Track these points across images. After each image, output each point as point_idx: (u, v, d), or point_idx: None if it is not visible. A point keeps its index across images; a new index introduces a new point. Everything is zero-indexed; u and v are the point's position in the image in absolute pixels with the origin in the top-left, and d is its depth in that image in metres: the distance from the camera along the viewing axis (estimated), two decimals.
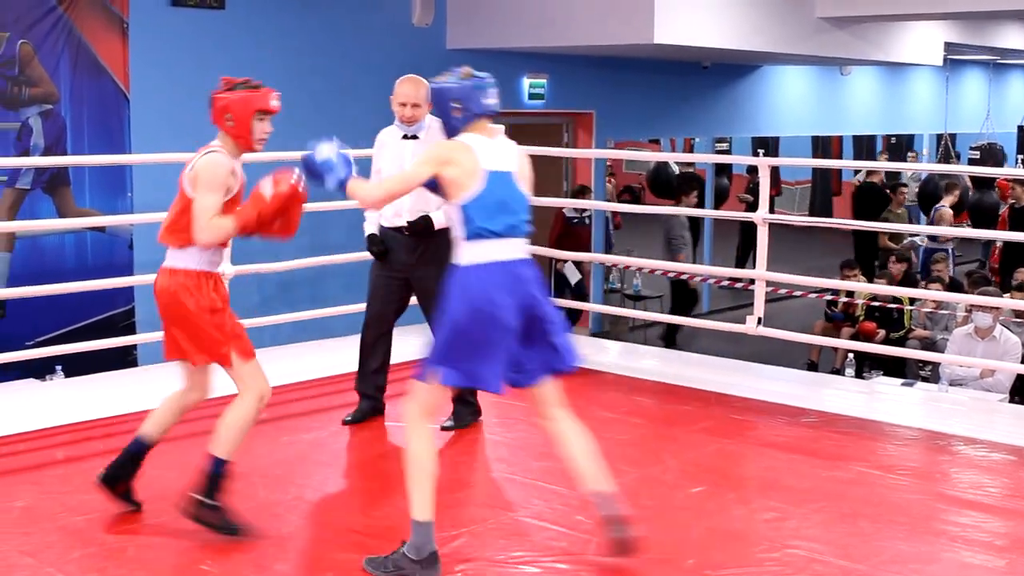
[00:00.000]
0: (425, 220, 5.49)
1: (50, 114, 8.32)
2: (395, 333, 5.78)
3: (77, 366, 6.93)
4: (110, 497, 4.45)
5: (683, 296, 12.79)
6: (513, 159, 4.00)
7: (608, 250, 13.30)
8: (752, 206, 14.71)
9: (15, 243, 8.21)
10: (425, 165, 3.94)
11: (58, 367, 7.26)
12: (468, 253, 3.89)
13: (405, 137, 5.55)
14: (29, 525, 4.35)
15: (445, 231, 5.34)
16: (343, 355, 6.29)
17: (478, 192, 3.87)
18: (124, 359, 8.12)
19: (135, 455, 4.45)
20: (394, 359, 5.81)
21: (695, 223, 13.23)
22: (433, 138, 5.38)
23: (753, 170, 14.80)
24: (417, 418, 3.92)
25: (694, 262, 12.58)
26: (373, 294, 5.73)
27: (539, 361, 3.96)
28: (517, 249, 3.94)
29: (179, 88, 9.03)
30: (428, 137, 5.46)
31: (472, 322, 3.81)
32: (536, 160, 9.50)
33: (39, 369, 7.15)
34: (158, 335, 6.83)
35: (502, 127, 4.11)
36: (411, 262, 5.57)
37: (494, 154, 3.94)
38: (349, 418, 5.70)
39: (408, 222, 5.50)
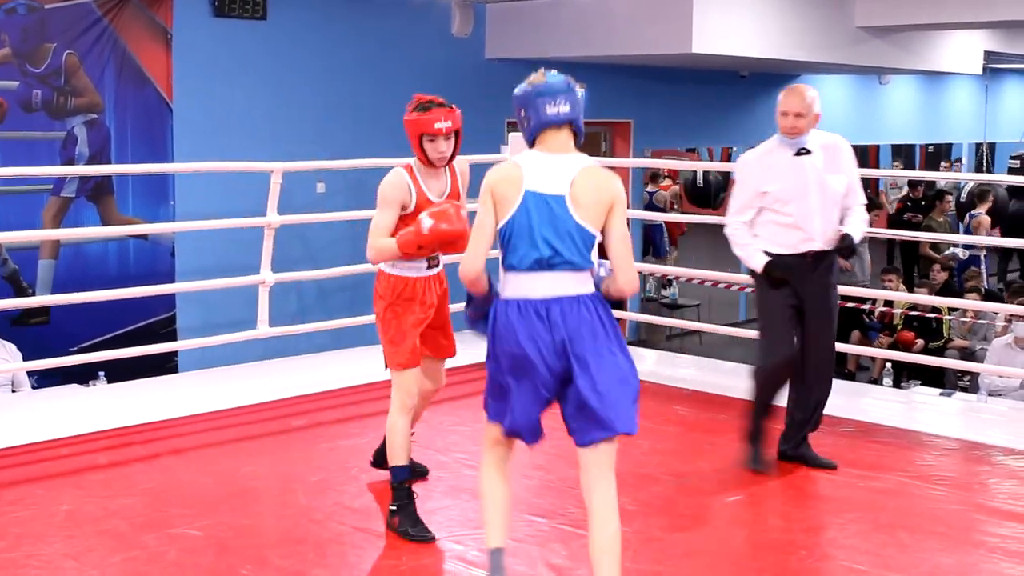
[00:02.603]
0: (847, 237, 5.01)
1: (95, 123, 8.44)
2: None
3: (119, 372, 7.02)
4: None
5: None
6: (566, 182, 3.45)
7: (658, 257, 13.38)
8: None
9: (59, 250, 8.32)
10: (483, 203, 3.54)
11: (101, 373, 7.37)
12: (503, 286, 3.56)
13: (798, 154, 5.01)
14: (72, 528, 4.42)
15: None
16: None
17: (510, 217, 3.48)
18: (165, 365, 8.22)
19: None
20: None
21: None
22: (830, 154, 5.03)
23: None
24: (483, 450, 3.75)
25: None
26: (781, 326, 5.08)
27: (570, 420, 3.53)
28: (548, 286, 3.45)
29: (222, 97, 9.14)
30: (824, 150, 5.03)
31: (495, 361, 3.55)
32: None
33: (82, 375, 7.26)
34: (199, 342, 6.98)
35: (569, 146, 3.55)
36: (807, 283, 5.04)
37: (543, 174, 3.47)
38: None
39: (828, 240, 5.00)
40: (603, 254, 3.56)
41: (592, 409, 3.43)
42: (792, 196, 4.97)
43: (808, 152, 4.99)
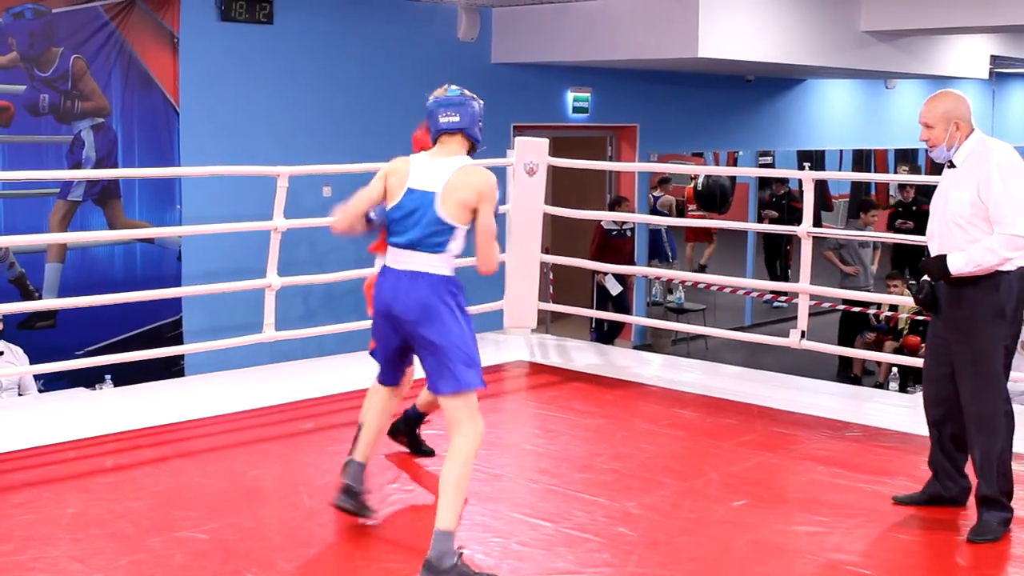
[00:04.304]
0: (937, 262, 4.38)
1: (101, 127, 8.46)
2: None
3: (126, 375, 7.04)
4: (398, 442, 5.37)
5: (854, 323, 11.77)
6: (441, 181, 4.11)
7: (664, 262, 13.38)
8: (776, 221, 14.67)
9: (66, 254, 8.34)
10: (377, 179, 4.32)
11: (107, 376, 7.39)
12: (388, 255, 4.27)
13: (948, 166, 4.49)
14: (79, 531, 4.43)
15: (989, 279, 4.32)
16: None
17: (393, 206, 4.21)
18: (171, 369, 8.23)
19: (411, 419, 5.32)
20: None
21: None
22: (972, 164, 4.37)
23: (764, 182, 14.83)
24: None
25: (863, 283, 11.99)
26: (927, 352, 4.72)
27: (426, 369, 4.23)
28: (412, 262, 4.14)
29: (228, 102, 9.16)
30: (968, 164, 4.39)
31: (375, 311, 4.31)
32: (579, 173, 9.57)
33: (89, 378, 7.27)
34: (205, 345, 6.99)
35: (457, 150, 4.21)
36: (945, 312, 4.48)
37: (424, 173, 4.17)
38: (901, 497, 4.82)
39: (922, 260, 4.48)
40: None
41: (429, 365, 4.14)
42: (932, 213, 4.54)
43: (953, 166, 4.46)
